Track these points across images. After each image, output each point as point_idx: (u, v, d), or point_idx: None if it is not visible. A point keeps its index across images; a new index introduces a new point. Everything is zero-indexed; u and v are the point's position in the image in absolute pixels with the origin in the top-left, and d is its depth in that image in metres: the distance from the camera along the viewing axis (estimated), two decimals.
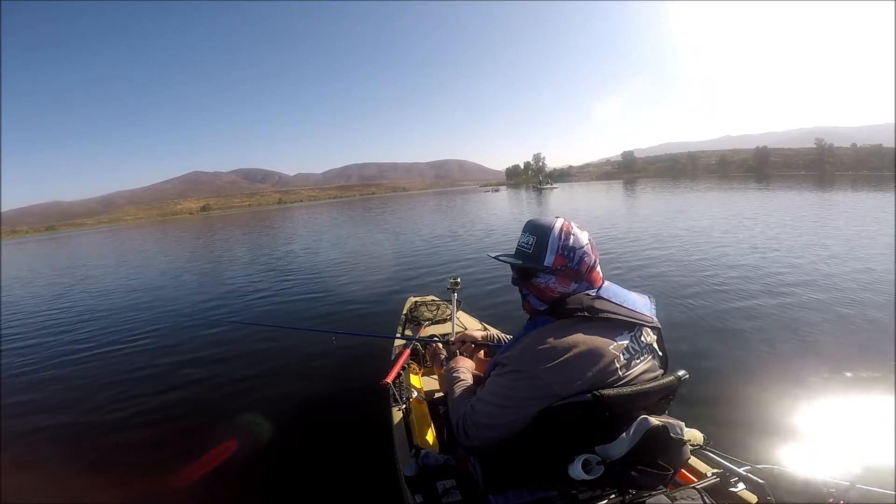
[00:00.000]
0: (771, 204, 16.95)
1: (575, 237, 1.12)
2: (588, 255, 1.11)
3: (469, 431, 1.08)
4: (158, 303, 7.67)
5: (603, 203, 25.51)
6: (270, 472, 2.47)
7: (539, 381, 0.97)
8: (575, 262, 1.10)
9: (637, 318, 1.06)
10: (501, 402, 1.02)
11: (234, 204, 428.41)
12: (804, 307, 4.49)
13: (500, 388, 1.04)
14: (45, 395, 3.95)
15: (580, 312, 1.03)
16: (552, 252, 1.11)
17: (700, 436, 1.27)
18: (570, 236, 1.11)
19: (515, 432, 1.01)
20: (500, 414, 1.02)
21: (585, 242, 1.12)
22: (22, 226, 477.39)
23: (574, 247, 1.10)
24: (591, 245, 1.14)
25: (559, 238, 1.11)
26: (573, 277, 1.11)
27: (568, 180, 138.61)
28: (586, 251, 1.11)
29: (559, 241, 1.11)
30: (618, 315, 1.03)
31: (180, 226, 58.85)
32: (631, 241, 9.72)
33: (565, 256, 1.10)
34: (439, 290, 5.12)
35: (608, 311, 1.03)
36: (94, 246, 33.38)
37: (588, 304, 1.04)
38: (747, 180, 47.93)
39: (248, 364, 4.21)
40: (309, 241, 16.82)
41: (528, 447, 1.02)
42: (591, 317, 1.02)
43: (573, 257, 1.10)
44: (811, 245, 7.72)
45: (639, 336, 1.06)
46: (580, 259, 1.10)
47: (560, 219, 1.16)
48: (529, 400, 0.98)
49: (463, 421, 1.10)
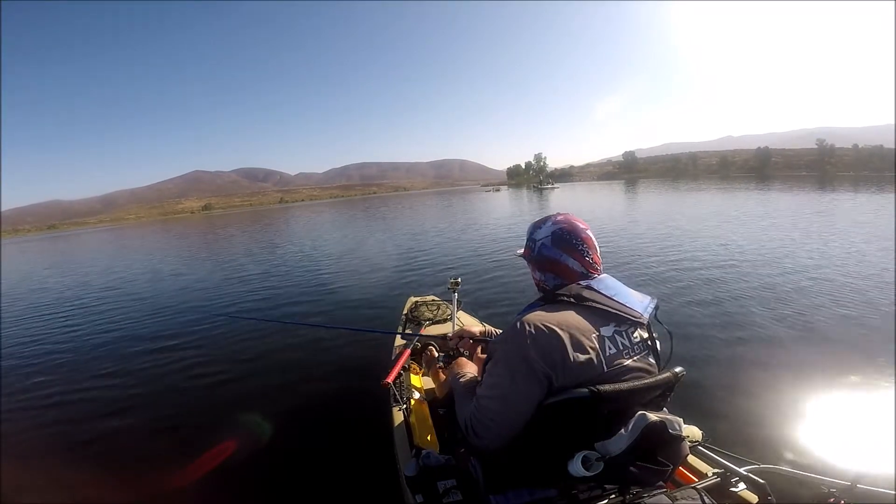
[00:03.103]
0: (772, 204, 16.92)
1: (539, 230, 1.23)
2: (548, 248, 1.19)
3: (479, 431, 1.07)
4: (158, 303, 7.68)
5: (602, 203, 25.48)
6: (271, 472, 2.47)
7: (528, 362, 0.97)
8: (535, 253, 1.22)
9: (624, 311, 1.05)
10: (501, 394, 1.02)
11: (236, 203, 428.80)
12: (805, 307, 4.48)
13: (495, 379, 1.04)
14: (45, 396, 3.96)
15: (567, 299, 1.06)
16: (526, 244, 1.28)
17: (698, 432, 1.27)
18: (536, 229, 1.24)
19: (526, 421, 0.99)
20: (503, 406, 1.01)
21: (545, 235, 1.20)
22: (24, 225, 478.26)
23: (535, 238, 1.23)
24: (560, 240, 1.17)
25: (531, 230, 1.27)
26: (537, 267, 1.23)
27: (569, 180, 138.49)
28: (545, 244, 1.19)
29: (530, 234, 1.27)
30: (603, 306, 1.04)
31: (183, 225, 58.91)
32: (631, 240, 9.71)
33: (529, 247, 1.26)
34: (439, 290, 5.13)
35: (594, 301, 1.05)
36: (101, 244, 33.44)
37: (576, 293, 1.07)
38: (748, 181, 47.88)
39: (248, 364, 4.21)
40: (309, 241, 16.85)
41: (527, 446, 1.02)
42: (577, 303, 1.05)
43: (534, 248, 1.23)
44: (812, 245, 7.71)
45: (630, 331, 1.06)
46: (538, 250, 1.21)
47: (549, 214, 1.26)
48: (526, 382, 0.98)
49: (470, 421, 1.09)
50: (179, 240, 26.70)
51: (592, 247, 1.19)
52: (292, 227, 28.14)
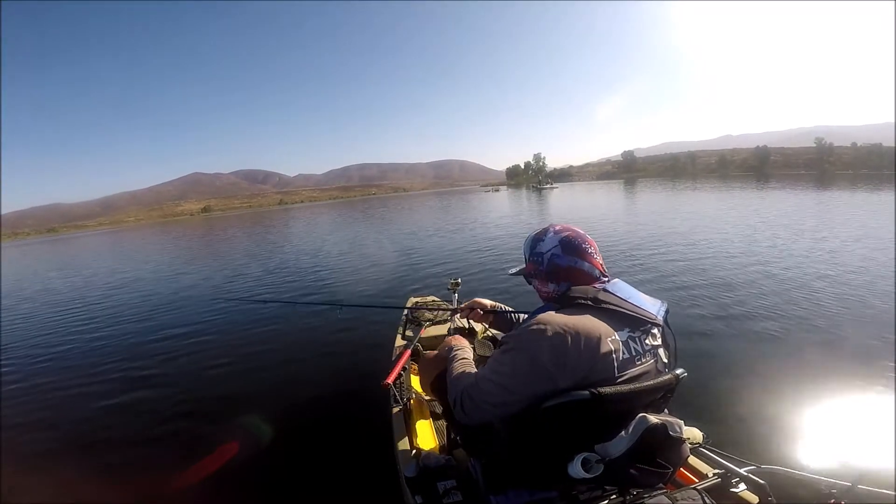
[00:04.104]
0: (773, 204, 16.93)
1: (543, 242, 1.22)
2: (559, 257, 1.17)
3: (467, 408, 1.09)
4: (158, 303, 7.66)
5: (602, 203, 25.48)
6: (271, 473, 2.47)
7: (538, 363, 0.97)
8: (544, 266, 1.20)
9: (640, 314, 1.05)
10: (502, 381, 1.03)
11: (235, 205, 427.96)
12: (806, 307, 4.48)
13: (501, 367, 1.05)
14: (45, 395, 3.95)
15: (584, 301, 1.05)
16: (526, 260, 1.28)
17: (699, 434, 1.27)
18: (538, 242, 1.23)
19: (511, 413, 1.02)
20: (499, 392, 1.03)
21: (553, 245, 1.19)
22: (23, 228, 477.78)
23: (540, 251, 1.22)
24: (570, 246, 1.18)
25: (531, 246, 1.26)
26: (547, 279, 1.21)
27: (568, 180, 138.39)
28: (555, 253, 1.18)
29: (530, 250, 1.26)
30: (620, 308, 1.04)
31: (182, 227, 58.87)
32: (630, 240, 9.70)
33: (534, 262, 1.24)
34: (440, 290, 5.13)
35: (611, 304, 1.04)
36: (100, 247, 33.39)
37: (593, 295, 1.06)
38: (747, 179, 47.90)
39: (249, 366, 4.21)
40: (309, 242, 16.81)
41: (527, 446, 1.02)
42: (595, 306, 1.04)
43: (541, 261, 1.21)
44: (814, 246, 7.71)
45: (642, 337, 1.05)
46: (548, 262, 1.19)
47: (546, 225, 1.27)
48: (527, 382, 0.99)
49: (461, 396, 1.11)
50: (179, 241, 26.66)
51: (597, 250, 1.21)
52: (291, 228, 28.14)
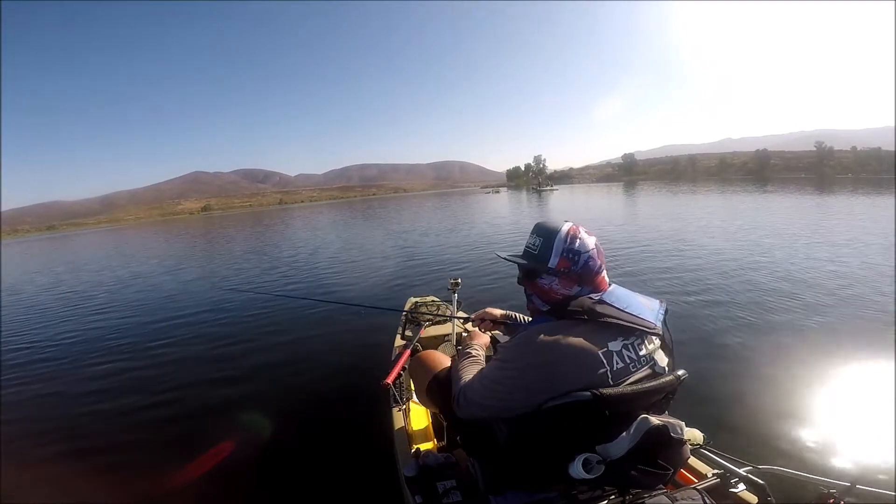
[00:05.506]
0: (770, 206, 16.95)
1: (581, 241, 1.12)
2: (593, 260, 1.12)
3: (461, 402, 1.14)
4: (157, 303, 7.66)
5: (602, 204, 25.50)
6: (270, 472, 2.47)
7: (520, 379, 1.00)
8: (579, 266, 1.11)
9: (638, 324, 1.03)
10: (489, 386, 1.07)
11: (235, 204, 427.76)
12: (806, 307, 4.48)
13: (492, 374, 1.09)
14: (44, 395, 3.95)
15: (580, 315, 1.02)
16: (556, 255, 1.12)
17: (700, 435, 1.27)
18: (575, 240, 1.12)
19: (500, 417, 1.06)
20: (487, 395, 1.07)
21: (591, 247, 1.13)
22: (23, 225, 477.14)
23: (579, 251, 1.11)
24: (598, 250, 1.14)
25: (564, 241, 1.12)
26: (576, 281, 1.12)
27: (568, 182, 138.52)
28: (591, 255, 1.12)
29: (564, 244, 1.12)
30: (617, 320, 1.01)
31: (183, 225, 58.85)
32: (630, 240, 9.70)
33: (569, 259, 1.11)
34: (439, 290, 5.13)
35: (608, 316, 1.02)
36: (101, 244, 33.37)
37: (589, 307, 1.03)
38: (747, 183, 47.95)
39: (249, 365, 4.21)
40: (308, 242, 16.81)
41: (528, 447, 1.02)
42: (590, 320, 1.01)
43: (577, 261, 1.11)
44: (815, 246, 7.71)
45: (637, 344, 1.03)
46: (584, 263, 1.11)
47: (568, 223, 1.17)
48: (510, 394, 1.02)
49: (461, 391, 1.16)
50: (178, 241, 26.65)
51: None
52: (292, 228, 28.13)
